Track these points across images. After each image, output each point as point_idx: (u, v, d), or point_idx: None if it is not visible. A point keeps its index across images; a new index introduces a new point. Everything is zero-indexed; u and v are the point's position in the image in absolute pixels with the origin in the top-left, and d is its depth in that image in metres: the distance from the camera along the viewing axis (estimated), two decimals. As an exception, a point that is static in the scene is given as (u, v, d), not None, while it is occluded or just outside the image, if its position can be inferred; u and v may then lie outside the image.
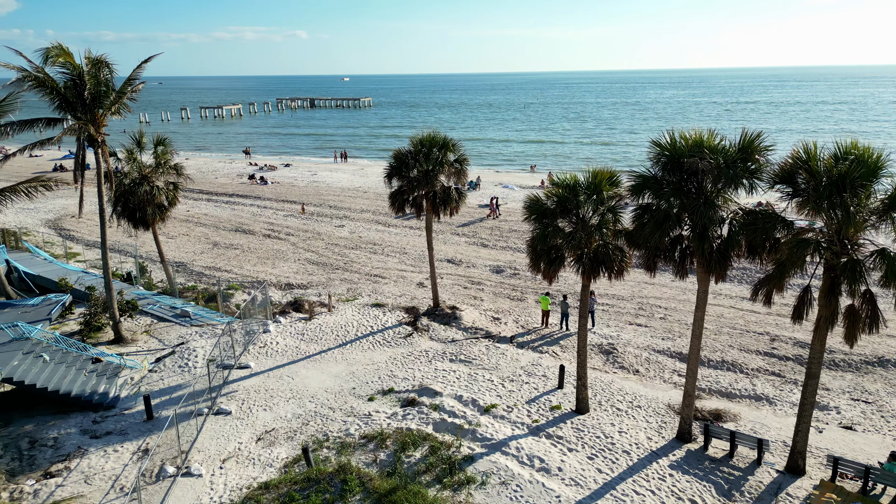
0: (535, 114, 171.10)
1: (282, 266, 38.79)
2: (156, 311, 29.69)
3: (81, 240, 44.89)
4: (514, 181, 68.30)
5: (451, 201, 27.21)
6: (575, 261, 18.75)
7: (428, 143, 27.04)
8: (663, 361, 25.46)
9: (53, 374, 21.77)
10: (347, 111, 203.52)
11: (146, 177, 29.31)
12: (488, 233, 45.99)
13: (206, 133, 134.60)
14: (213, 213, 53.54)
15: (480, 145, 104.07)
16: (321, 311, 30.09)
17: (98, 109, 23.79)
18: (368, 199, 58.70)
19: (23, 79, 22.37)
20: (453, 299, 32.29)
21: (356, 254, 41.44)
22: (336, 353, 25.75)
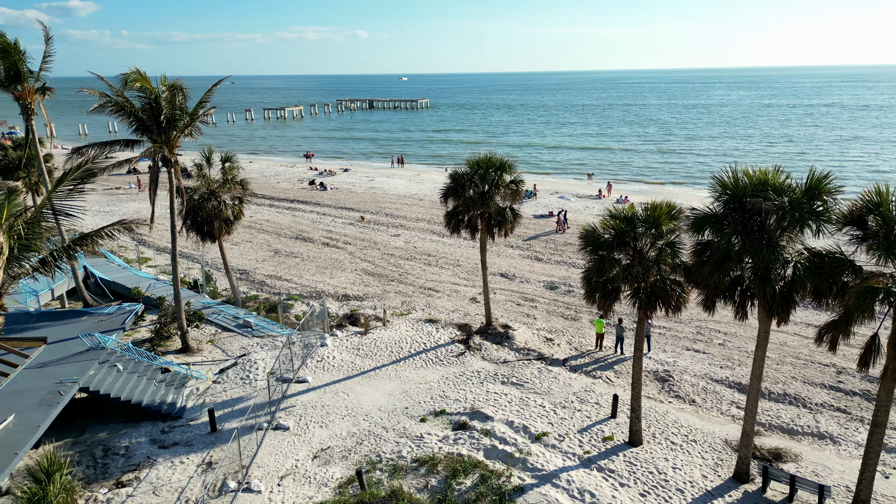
0: (593, 116, 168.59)
1: (339, 276, 39.74)
2: (220, 321, 30.99)
3: (153, 244, 47.12)
4: (571, 190, 67.68)
5: (507, 222, 27.32)
6: (631, 295, 18.58)
7: (484, 164, 27.23)
8: (721, 392, 24.86)
9: (126, 383, 23.08)
10: (405, 112, 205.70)
11: (214, 192, 30.63)
12: (542, 245, 45.82)
13: (268, 136, 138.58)
14: (275, 220, 55.25)
15: (536, 151, 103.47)
16: (376, 326, 30.73)
17: (172, 132, 25.04)
18: (424, 208, 59.31)
19: (104, 104, 23.78)
20: (506, 317, 32.38)
21: (411, 265, 42.00)
22: (390, 370, 26.27)
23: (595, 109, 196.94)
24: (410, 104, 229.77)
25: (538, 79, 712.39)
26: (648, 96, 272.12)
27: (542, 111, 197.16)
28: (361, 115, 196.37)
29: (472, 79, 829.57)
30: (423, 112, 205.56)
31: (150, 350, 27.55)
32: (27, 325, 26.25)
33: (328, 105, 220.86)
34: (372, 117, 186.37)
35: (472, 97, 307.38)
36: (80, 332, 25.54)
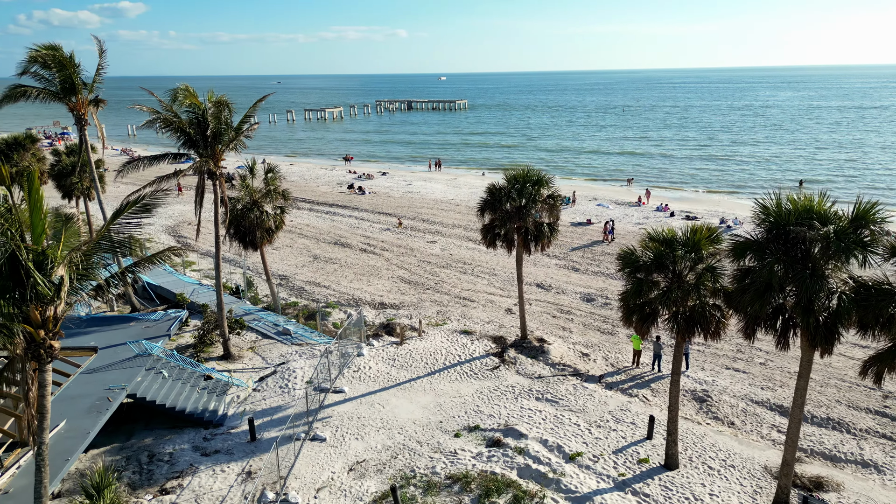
0: (633, 119, 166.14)
1: (376, 283, 40.21)
2: (260, 328, 31.74)
3: (197, 248, 48.42)
4: (609, 196, 66.94)
5: (543, 237, 27.27)
6: (669, 319, 18.39)
7: (521, 178, 27.25)
8: (761, 414, 24.35)
9: (171, 390, 23.88)
10: (443, 114, 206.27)
11: (256, 202, 31.37)
12: (580, 255, 45.49)
13: (309, 137, 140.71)
14: (314, 224, 56.16)
15: (574, 156, 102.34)
16: (412, 336, 31.04)
17: (218, 146, 25.78)
18: (460, 214, 59.48)
19: (153, 120, 24.65)
20: (541, 329, 32.32)
21: (447, 273, 42.22)
22: (425, 382, 26.53)
23: (636, 111, 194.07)
24: (448, 105, 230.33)
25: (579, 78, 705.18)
26: (691, 97, 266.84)
27: (582, 112, 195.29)
28: (400, 117, 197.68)
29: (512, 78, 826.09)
30: (461, 113, 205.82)
31: (193, 356, 28.42)
32: (78, 330, 27.37)
33: (367, 106, 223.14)
34: (410, 118, 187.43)
35: (511, 97, 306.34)
36: (128, 338, 26.51)
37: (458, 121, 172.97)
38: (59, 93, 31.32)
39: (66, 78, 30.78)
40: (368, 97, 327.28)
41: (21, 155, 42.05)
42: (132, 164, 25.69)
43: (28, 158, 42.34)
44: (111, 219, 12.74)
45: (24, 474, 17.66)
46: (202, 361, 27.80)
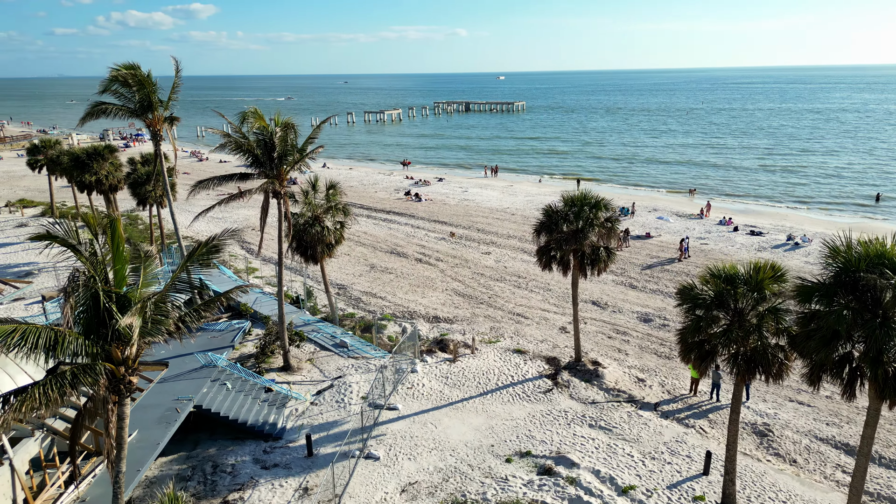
0: (696, 123, 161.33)
1: (430, 296, 40.67)
2: (318, 340, 32.65)
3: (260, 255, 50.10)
4: (670, 207, 65.39)
5: (600, 261, 27.03)
6: (729, 359, 17.99)
7: (579, 201, 27.10)
8: (826, 452, 23.46)
9: (234, 402, 24.93)
10: (500, 116, 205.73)
11: (318, 218, 32.29)
12: (637, 272, 44.70)
13: (367, 141, 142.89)
14: (371, 232, 57.17)
15: (634, 164, 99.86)
16: (465, 353, 31.30)
17: (283, 166, 26.72)
18: (515, 224, 59.35)
19: (225, 144, 25.79)
20: (596, 350, 32.01)
21: (500, 287, 42.28)
22: (477, 402, 26.74)
23: (699, 114, 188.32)
24: (506, 107, 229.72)
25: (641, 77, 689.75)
26: (759, 99, 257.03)
27: (643, 115, 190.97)
28: (457, 119, 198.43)
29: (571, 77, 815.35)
30: (519, 115, 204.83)
31: (254, 366, 29.54)
32: (150, 338, 28.88)
33: (426, 108, 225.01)
34: (468, 121, 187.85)
35: (570, 98, 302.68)
36: (196, 349, 27.82)
37: (515, 123, 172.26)
38: (137, 110, 33.09)
39: (144, 96, 32.52)
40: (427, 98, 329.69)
41: (100, 164, 44.58)
42: (202, 183, 26.94)
43: (107, 167, 44.83)
44: (186, 260, 13.51)
45: (99, 483, 18.86)
46: (263, 372, 28.85)
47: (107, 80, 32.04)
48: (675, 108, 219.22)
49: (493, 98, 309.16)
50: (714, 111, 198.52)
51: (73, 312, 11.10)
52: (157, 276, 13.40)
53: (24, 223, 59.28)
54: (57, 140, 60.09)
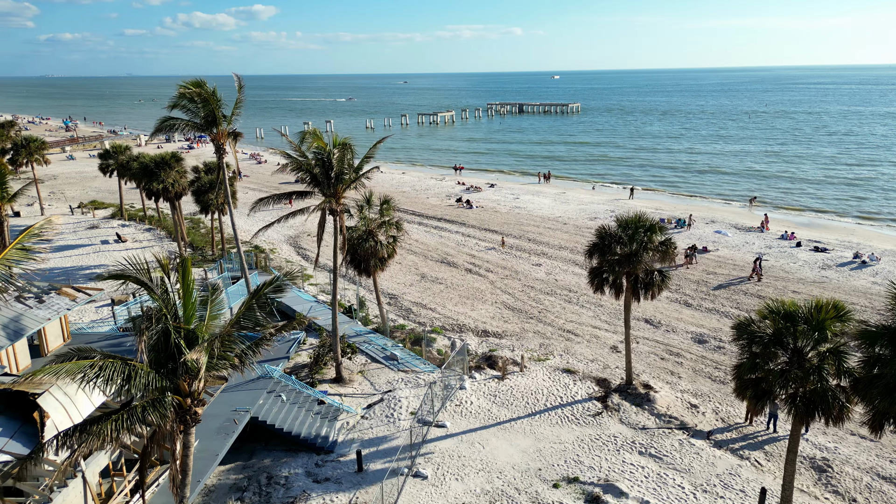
0: (758, 128, 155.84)
1: (480, 308, 40.85)
2: (369, 351, 33.32)
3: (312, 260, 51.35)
4: (729, 219, 63.53)
5: (654, 286, 26.65)
6: (787, 400, 17.53)
7: (633, 224, 26.79)
8: (889, 493, 22.52)
9: (288, 414, 25.76)
10: (554, 118, 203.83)
11: (372, 232, 32.95)
12: (693, 289, 43.71)
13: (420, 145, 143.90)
14: (423, 240, 57.74)
15: (690, 174, 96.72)
16: (513, 370, 31.37)
17: (340, 185, 27.42)
18: (567, 234, 58.86)
19: (286, 165, 26.69)
20: (648, 372, 31.55)
21: (551, 301, 42.09)
22: (525, 423, 26.79)
23: (762, 118, 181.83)
24: (560, 108, 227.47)
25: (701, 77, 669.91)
26: (828, 100, 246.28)
27: (702, 118, 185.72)
28: (511, 121, 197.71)
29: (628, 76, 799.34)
30: (573, 117, 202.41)
31: (308, 376, 30.41)
32: (210, 346, 30.13)
33: (479, 110, 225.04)
34: (521, 123, 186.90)
35: (627, 99, 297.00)
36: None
37: (568, 126, 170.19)
38: (203, 125, 34.41)
39: (210, 112, 33.78)
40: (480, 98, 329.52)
41: (167, 172, 46.60)
42: (263, 201, 27.95)
43: (173, 175, 46.83)
44: (250, 298, 14.15)
45: (163, 491, 19.86)
46: (316, 384, 29.67)
47: (175, 96, 33.46)
48: (735, 110, 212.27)
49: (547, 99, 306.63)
50: (778, 115, 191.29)
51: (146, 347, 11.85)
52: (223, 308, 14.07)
53: (95, 225, 62.48)
54: (127, 146, 63.09)
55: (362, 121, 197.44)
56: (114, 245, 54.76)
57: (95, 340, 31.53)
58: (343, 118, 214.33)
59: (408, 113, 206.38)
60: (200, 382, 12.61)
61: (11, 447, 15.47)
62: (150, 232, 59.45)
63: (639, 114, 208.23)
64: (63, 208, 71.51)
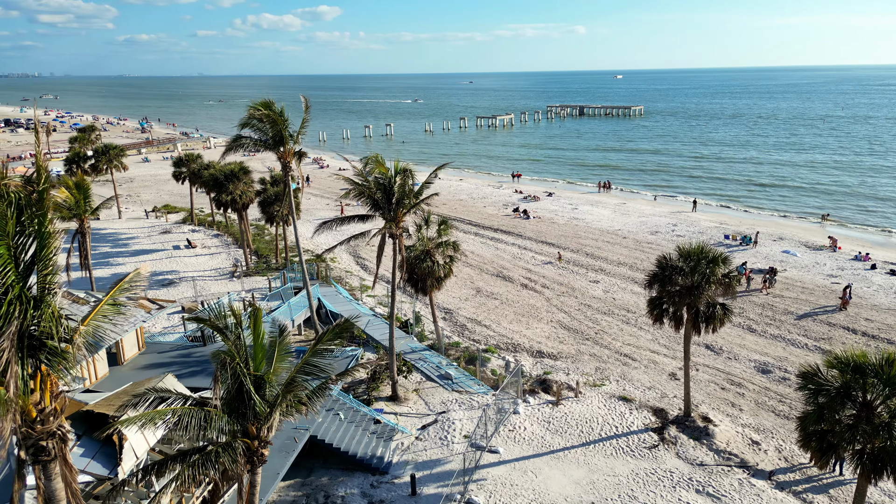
0: (834, 134, 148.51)
1: (535, 327, 40.77)
2: (424, 369, 33.84)
3: (373, 270, 52.38)
4: (798, 236, 61.05)
5: (716, 320, 26.04)
6: (854, 456, 16.91)
7: (696, 255, 26.24)
8: (968, 551, 21.33)
9: (345, 433, 26.51)
10: (616, 121, 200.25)
11: (429, 252, 33.45)
12: (758, 313, 42.30)
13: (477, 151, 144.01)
14: (478, 252, 57.98)
15: (756, 185, 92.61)
16: (568, 396, 31.23)
17: (400, 209, 28.01)
18: (626, 249, 57.90)
19: (349, 191, 27.53)
20: (707, 403, 30.82)
21: (608, 321, 41.57)
22: (579, 453, 26.67)
23: (838, 123, 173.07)
24: (622, 111, 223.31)
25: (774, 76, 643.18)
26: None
27: (772, 123, 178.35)
28: (570, 124, 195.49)
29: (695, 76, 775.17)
30: (636, 121, 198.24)
31: (364, 392, 31.18)
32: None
33: (538, 112, 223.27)
34: (581, 126, 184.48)
35: (692, 101, 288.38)
36: (313, 374, 29.75)
37: (630, 131, 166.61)
38: (271, 144, 35.77)
39: (277, 132, 35.11)
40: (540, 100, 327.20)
41: (235, 185, 48.51)
42: (326, 224, 28.84)
43: (240, 187, 48.72)
44: (313, 346, 14.76)
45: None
46: (372, 401, 30.38)
47: (246, 117, 34.98)
48: (808, 114, 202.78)
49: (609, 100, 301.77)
50: (856, 119, 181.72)
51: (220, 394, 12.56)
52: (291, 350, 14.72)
53: (167, 230, 65.62)
54: (198, 154, 66.01)
55: (421, 123, 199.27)
56: (184, 251, 57.38)
57: (167, 350, 33.24)
58: (402, 120, 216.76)
59: (466, 116, 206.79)
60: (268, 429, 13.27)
61: (93, 468, 16.63)
62: (217, 238, 61.98)
63: (704, 118, 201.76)
64: (138, 212, 75.38)
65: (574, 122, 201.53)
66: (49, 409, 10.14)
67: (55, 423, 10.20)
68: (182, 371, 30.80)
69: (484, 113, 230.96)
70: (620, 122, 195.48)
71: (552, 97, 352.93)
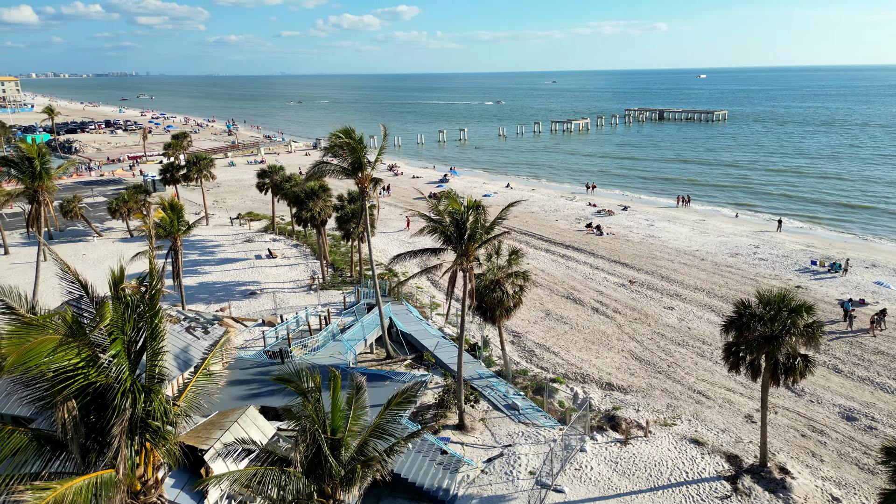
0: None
1: (605, 356, 40.29)
2: (491, 398, 34.17)
3: (443, 288, 53.11)
4: (894, 263, 57.20)
5: (796, 372, 25.03)
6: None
7: (777, 302, 25.30)
8: None
9: (413, 463, 27.25)
10: (698, 127, 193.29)
11: (499, 282, 33.75)
12: (845, 351, 40.13)
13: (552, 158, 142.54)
14: (549, 270, 57.68)
15: (850, 205, 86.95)
16: (637, 434, 30.79)
17: (472, 244, 28.48)
18: (705, 272, 56.09)
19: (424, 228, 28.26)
20: (785, 451, 29.63)
21: (681, 353, 40.54)
22: (646, 498, 26.28)
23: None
24: (705, 116, 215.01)
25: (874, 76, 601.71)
26: None
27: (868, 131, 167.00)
28: (649, 129, 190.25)
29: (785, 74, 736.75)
30: (719, 126, 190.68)
31: (432, 419, 31.85)
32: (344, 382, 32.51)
33: (615, 116, 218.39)
34: (660, 132, 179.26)
35: (782, 105, 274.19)
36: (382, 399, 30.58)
37: (713, 140, 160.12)
38: (350, 171, 37.08)
39: (356, 160, 36.33)
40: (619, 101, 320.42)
41: (315, 202, 50.43)
42: (400, 256, 29.68)
43: (320, 205, 50.59)
44: (384, 409, 15.43)
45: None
46: (439, 429, 31.01)
47: (328, 144, 36.51)
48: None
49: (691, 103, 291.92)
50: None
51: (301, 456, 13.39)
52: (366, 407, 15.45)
53: (250, 238, 68.86)
54: (281, 166, 68.82)
55: (495, 127, 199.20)
56: (265, 261, 60.09)
57: (248, 367, 35.14)
58: (476, 125, 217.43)
59: (541, 120, 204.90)
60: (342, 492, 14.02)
61: (182, 499, 17.96)
62: (296, 248, 64.50)
63: (794, 125, 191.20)
64: (224, 218, 79.41)
65: (653, 127, 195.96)
66: (151, 482, 11.22)
67: (156, 494, 11.28)
68: (261, 390, 32.57)
69: (559, 116, 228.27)
70: (703, 128, 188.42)
71: (631, 99, 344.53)
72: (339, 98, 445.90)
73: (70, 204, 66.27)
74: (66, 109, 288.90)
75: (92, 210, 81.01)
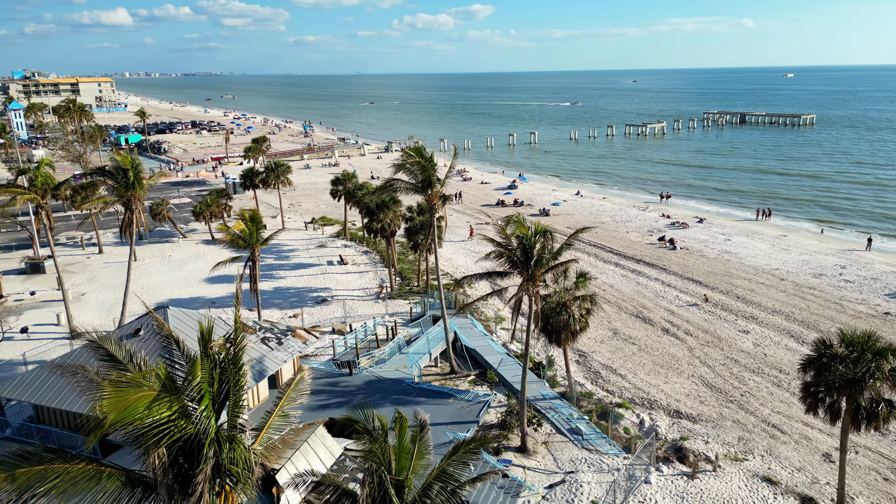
0: None
1: (674, 381, 39.28)
2: (555, 420, 34.02)
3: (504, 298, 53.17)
4: None
5: (879, 419, 23.71)
6: None
7: (860, 343, 24.03)
8: None
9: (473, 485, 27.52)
10: (782, 131, 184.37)
11: (565, 304, 33.56)
12: (938, 388, 37.46)
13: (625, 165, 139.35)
14: (617, 286, 56.62)
15: None
16: (705, 468, 29.94)
17: (538, 268, 28.50)
18: (784, 293, 53.63)
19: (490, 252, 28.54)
20: (865, 495, 28.12)
21: (756, 382, 39.00)
22: (712, 538, 25.59)
23: None
24: (791, 120, 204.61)
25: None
26: None
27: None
28: (729, 134, 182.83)
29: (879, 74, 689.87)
30: (805, 132, 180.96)
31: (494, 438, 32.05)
32: (408, 399, 33.27)
33: (693, 120, 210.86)
34: (741, 137, 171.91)
35: (876, 108, 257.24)
36: (445, 418, 31.22)
37: (798, 147, 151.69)
38: (420, 188, 37.78)
39: (426, 177, 36.99)
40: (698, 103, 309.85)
41: (385, 213, 51.58)
42: (467, 278, 30.03)
43: (390, 216, 51.70)
44: (448, 455, 15.78)
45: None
46: (501, 451, 31.17)
47: (400, 162, 37.36)
48: None
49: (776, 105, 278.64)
50: None
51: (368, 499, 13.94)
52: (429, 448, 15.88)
53: (323, 243, 71.05)
54: (353, 174, 70.60)
55: (566, 130, 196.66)
56: (336, 267, 61.91)
57: (318, 377, 36.46)
58: (548, 127, 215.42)
59: (614, 124, 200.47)
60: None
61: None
62: (366, 255, 66.08)
63: (887, 131, 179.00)
64: (299, 222, 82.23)
65: (734, 132, 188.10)
66: (229, 515, 12.09)
67: (234, 533, 12.13)
68: (329, 401, 33.80)
69: (635, 119, 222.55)
70: (787, 133, 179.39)
71: (711, 100, 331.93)
72: (411, 98, 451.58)
73: (159, 207, 70.41)
74: (156, 109, 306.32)
75: (178, 211, 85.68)
